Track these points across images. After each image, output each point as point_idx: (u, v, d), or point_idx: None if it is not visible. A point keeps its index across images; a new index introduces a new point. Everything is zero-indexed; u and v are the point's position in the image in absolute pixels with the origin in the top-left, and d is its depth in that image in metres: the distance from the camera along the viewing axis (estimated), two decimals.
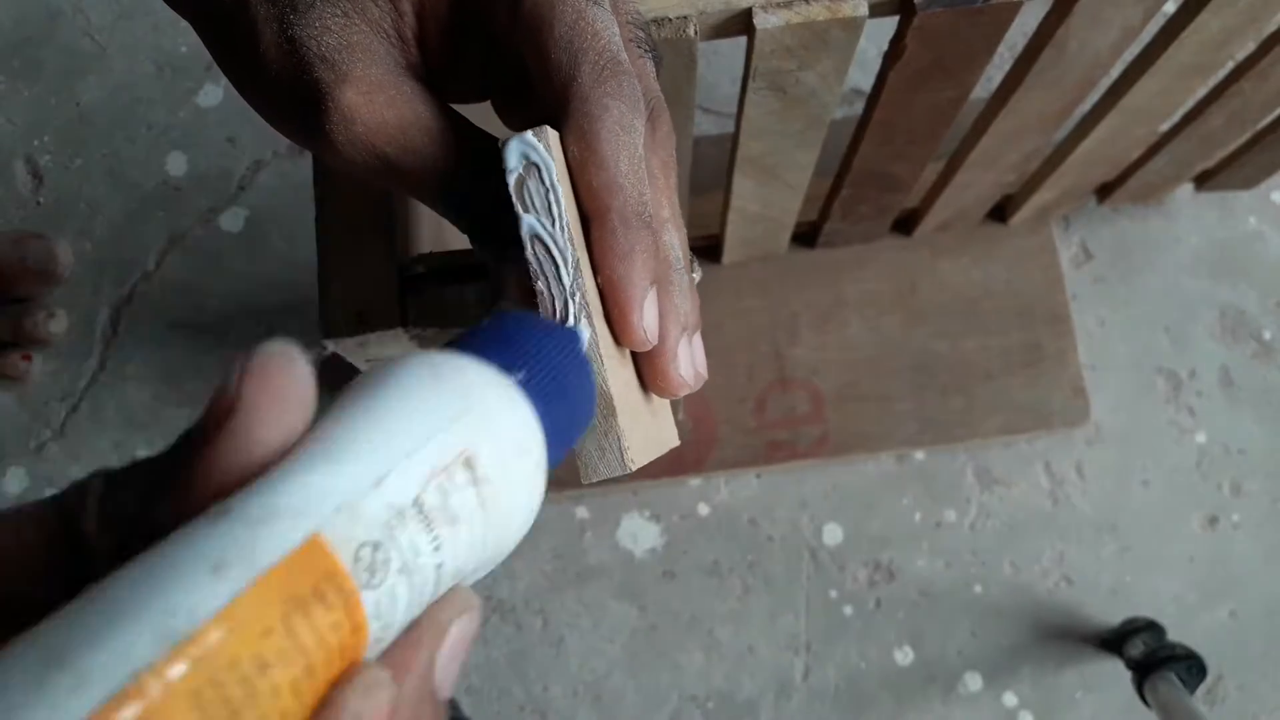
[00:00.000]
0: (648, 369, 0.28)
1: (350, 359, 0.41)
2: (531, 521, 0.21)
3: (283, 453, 0.17)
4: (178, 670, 0.14)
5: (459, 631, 0.18)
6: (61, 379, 0.78)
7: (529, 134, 0.25)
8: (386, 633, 0.17)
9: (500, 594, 0.74)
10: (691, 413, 0.73)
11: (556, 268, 0.25)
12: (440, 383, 0.19)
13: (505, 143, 0.25)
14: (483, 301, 0.39)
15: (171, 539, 0.16)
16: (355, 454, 0.17)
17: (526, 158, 0.25)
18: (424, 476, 0.18)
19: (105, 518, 0.17)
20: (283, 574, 0.15)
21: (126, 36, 0.84)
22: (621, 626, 0.74)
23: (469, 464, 0.19)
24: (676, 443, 0.31)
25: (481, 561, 0.20)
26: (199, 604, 0.15)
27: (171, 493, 0.17)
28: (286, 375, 0.17)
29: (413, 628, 0.18)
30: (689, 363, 0.28)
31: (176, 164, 0.81)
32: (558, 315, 0.25)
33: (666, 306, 0.27)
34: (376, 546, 0.17)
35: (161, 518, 0.16)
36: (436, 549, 0.18)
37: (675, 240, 0.28)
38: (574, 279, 0.25)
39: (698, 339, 0.29)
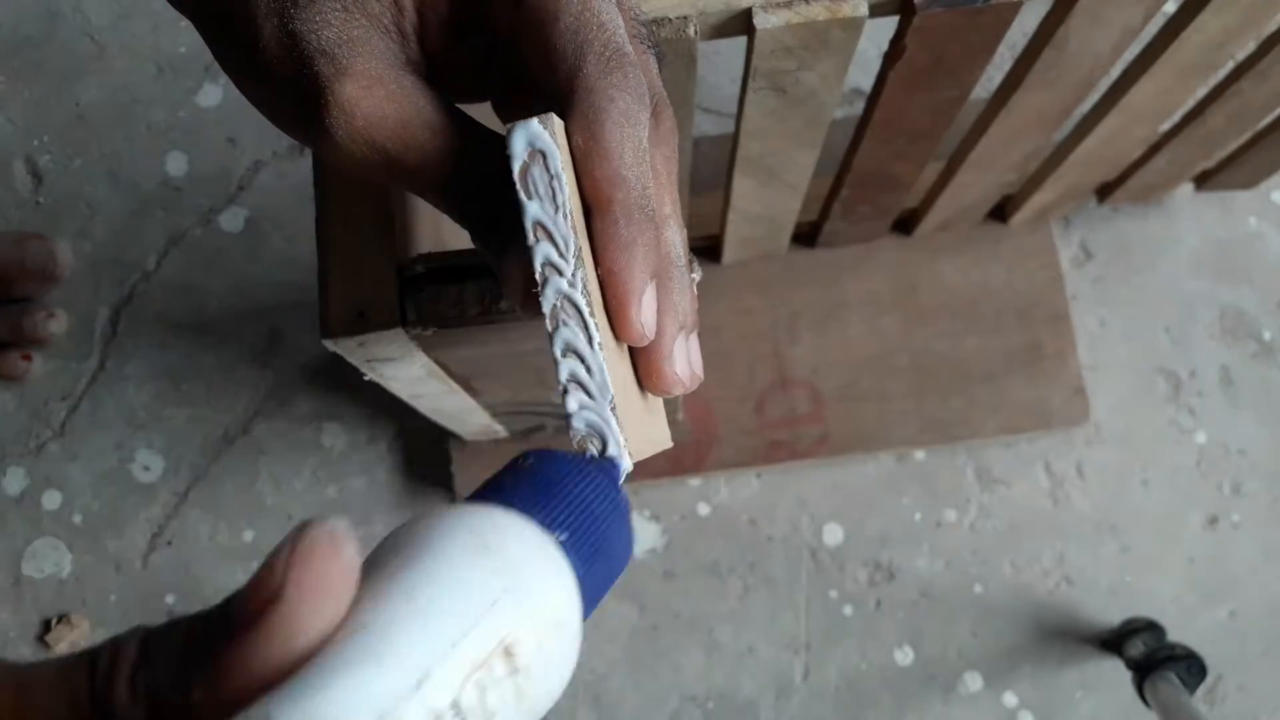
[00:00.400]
0: (643, 366, 0.28)
1: (350, 359, 0.41)
2: (560, 694, 0.20)
3: (323, 641, 0.17)
4: None
5: None
6: (61, 379, 0.78)
7: (534, 121, 0.24)
8: None
9: None
10: (691, 413, 0.73)
11: (558, 256, 0.25)
12: (483, 555, 0.19)
13: (511, 129, 0.25)
14: (483, 300, 0.39)
15: None
16: (396, 649, 0.17)
17: (532, 144, 0.24)
18: (463, 673, 0.17)
19: (137, 690, 0.17)
20: None
21: (126, 36, 0.84)
22: (621, 626, 0.74)
23: (508, 653, 0.18)
24: (670, 444, 0.31)
25: None
26: None
27: (206, 676, 0.17)
28: (333, 562, 0.17)
29: None
30: (685, 362, 0.28)
31: (176, 164, 0.81)
32: (560, 319, 0.25)
33: (665, 303, 0.27)
34: None
35: (195, 700, 0.16)
36: None
37: (676, 238, 0.28)
38: (575, 268, 0.25)
39: (694, 339, 0.29)
